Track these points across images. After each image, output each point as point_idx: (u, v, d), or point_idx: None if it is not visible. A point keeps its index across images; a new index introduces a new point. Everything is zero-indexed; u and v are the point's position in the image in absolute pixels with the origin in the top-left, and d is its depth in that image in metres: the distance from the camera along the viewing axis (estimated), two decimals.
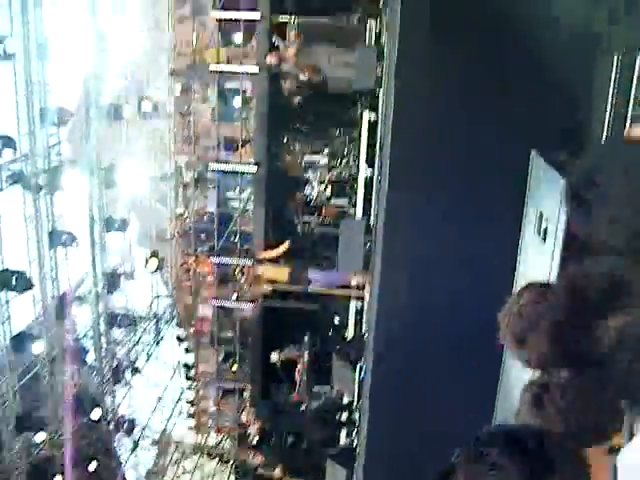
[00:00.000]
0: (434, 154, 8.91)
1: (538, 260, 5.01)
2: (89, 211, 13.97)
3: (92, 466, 15.08)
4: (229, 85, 14.61)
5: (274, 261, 14.11)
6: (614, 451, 2.05)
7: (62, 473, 14.87)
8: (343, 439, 14.08)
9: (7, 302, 12.73)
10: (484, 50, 8.11)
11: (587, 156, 2.19)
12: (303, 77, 12.99)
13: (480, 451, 1.76)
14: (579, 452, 1.88)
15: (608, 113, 5.76)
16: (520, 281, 5.42)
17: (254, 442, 15.42)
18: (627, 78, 5.88)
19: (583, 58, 7.42)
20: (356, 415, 12.79)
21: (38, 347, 13.05)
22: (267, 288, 13.84)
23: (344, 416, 13.83)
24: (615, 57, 6.10)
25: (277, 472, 14.15)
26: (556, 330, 1.94)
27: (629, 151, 2.15)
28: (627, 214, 1.98)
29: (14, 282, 12.28)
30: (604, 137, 6.33)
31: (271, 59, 13.07)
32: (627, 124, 5.72)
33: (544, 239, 4.86)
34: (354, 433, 13.13)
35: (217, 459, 18.55)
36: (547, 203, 4.85)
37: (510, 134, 7.64)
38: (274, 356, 14.42)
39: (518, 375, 4.75)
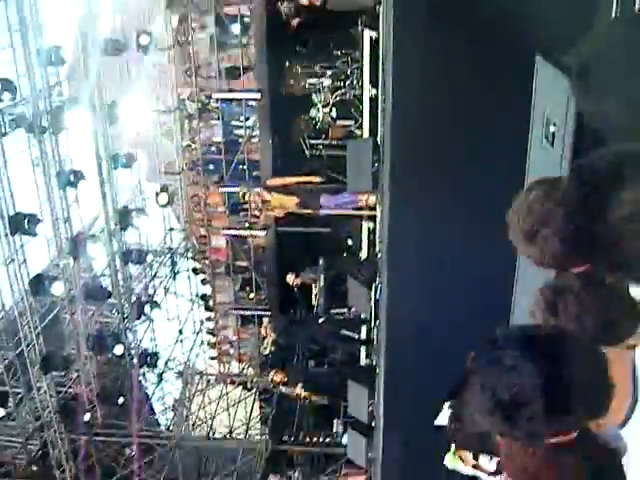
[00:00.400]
0: (437, 71, 8.79)
1: (547, 166, 4.96)
2: (95, 149, 13.91)
3: (119, 401, 15.36)
4: (227, 12, 14.40)
5: (283, 189, 14.05)
6: (632, 347, 2.04)
7: (92, 409, 15.20)
8: (363, 359, 14.26)
9: (22, 246, 12.80)
10: None
11: (595, 34, 2.13)
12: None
13: (495, 353, 1.75)
14: (597, 348, 1.86)
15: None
16: None
17: (268, 352, 15.65)
18: None
19: None
20: (374, 334, 12.90)
21: (57, 288, 13.14)
22: (279, 214, 13.82)
23: (363, 335, 13.97)
24: None
25: (298, 389, 14.34)
26: (569, 223, 1.89)
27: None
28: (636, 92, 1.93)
29: (27, 225, 12.32)
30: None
31: None
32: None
33: (552, 144, 4.81)
34: (373, 353, 13.26)
35: (241, 386, 18.85)
36: (553, 107, 4.78)
37: (517, 42, 7.51)
38: (290, 278, 14.51)
39: (532, 277, 4.76)
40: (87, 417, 15.06)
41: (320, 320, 14.19)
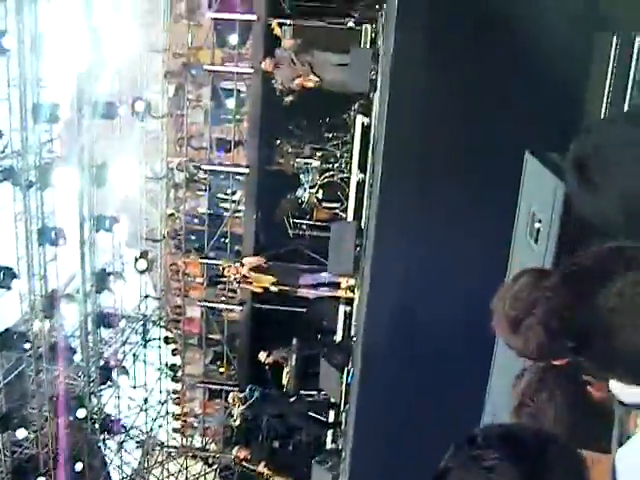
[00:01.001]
0: (427, 159, 8.91)
1: (530, 262, 4.99)
2: (79, 209, 13.90)
3: (78, 466, 15.01)
4: (223, 86, 14.61)
5: (259, 268, 14.05)
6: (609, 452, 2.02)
7: (46, 472, 14.80)
8: (329, 443, 14.06)
9: None
10: (480, 54, 8.11)
11: (589, 132, 2.16)
12: (297, 82, 13.03)
13: (474, 452, 1.70)
14: (578, 452, 1.83)
15: (605, 103, 5.74)
16: None
17: (239, 424, 15.38)
18: (625, 64, 5.86)
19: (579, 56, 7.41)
20: (342, 418, 12.76)
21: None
22: (257, 288, 13.79)
23: (331, 418, 13.81)
24: (610, 61, 6.10)
25: (261, 467, 14.09)
26: (555, 313, 1.88)
27: (635, 124, 2.12)
28: (635, 189, 1.94)
29: (1, 278, 12.22)
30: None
31: (267, 64, 13.09)
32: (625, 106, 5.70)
33: (536, 240, 4.85)
34: (340, 437, 13.10)
35: (202, 461, 18.48)
36: (540, 204, 4.84)
37: (506, 137, 7.64)
38: (262, 355, 14.38)
39: (509, 368, 4.74)
40: None
41: (290, 400, 14.04)
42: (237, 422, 15.40)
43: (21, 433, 13.71)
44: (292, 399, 14.04)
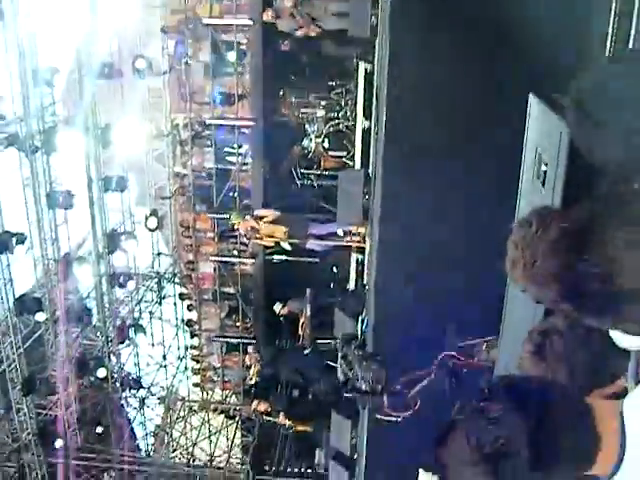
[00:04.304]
0: (430, 103, 8.83)
1: (538, 204, 4.94)
2: (86, 171, 13.89)
3: (98, 429, 15.25)
4: (223, 39, 14.47)
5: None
6: (619, 396, 2.01)
7: (72, 433, 15.05)
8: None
9: (8, 265, 12.75)
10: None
11: (588, 70, 2.12)
12: (300, 33, 12.90)
13: (480, 405, 1.72)
14: (583, 401, 1.83)
15: (610, 36, 5.64)
16: None
17: (254, 382, 15.53)
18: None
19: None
20: None
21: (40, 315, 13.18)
22: (268, 243, 13.77)
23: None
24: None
25: (281, 418, 14.24)
26: (567, 252, 1.80)
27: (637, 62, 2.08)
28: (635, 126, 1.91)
29: (14, 243, 12.28)
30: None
31: (267, 15, 12.95)
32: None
33: (543, 183, 4.81)
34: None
35: (223, 414, 18.71)
36: (546, 147, 4.78)
37: (509, 77, 7.55)
38: (277, 307, 14.45)
39: (520, 318, 4.74)
40: (64, 442, 14.87)
41: (306, 351, 14.13)
42: (253, 380, 15.58)
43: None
44: (308, 351, 14.13)
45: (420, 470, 4.08)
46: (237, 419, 18.37)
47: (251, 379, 15.82)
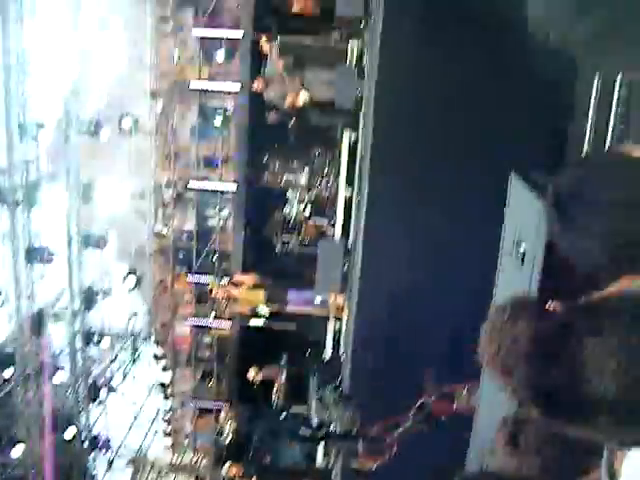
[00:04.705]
0: (413, 176, 8.91)
1: (516, 280, 4.97)
2: (67, 227, 13.84)
3: None
4: (210, 103, 14.60)
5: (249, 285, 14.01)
6: None
7: None
8: (319, 460, 13.99)
9: None
10: (466, 72, 8.13)
11: (571, 169, 2.13)
12: (287, 104, 13.02)
13: None
14: None
15: (588, 134, 5.75)
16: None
17: (229, 441, 15.30)
18: (607, 100, 5.89)
19: (564, 81, 7.45)
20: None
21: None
22: (245, 310, 13.73)
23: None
24: (595, 81, 6.12)
25: None
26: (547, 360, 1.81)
27: (616, 165, 2.09)
28: (617, 226, 1.91)
29: None
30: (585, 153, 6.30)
31: (258, 84, 13.06)
32: (607, 143, 5.72)
33: (522, 262, 4.83)
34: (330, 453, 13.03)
35: (194, 479, 18.36)
36: (525, 226, 4.82)
37: (492, 159, 7.64)
38: (251, 373, 14.32)
39: (495, 405, 4.72)
40: None
41: (281, 416, 13.97)
42: (228, 439, 15.35)
43: (16, 452, 13.64)
44: (283, 416, 13.96)
45: None
46: None
47: (225, 437, 15.57)
